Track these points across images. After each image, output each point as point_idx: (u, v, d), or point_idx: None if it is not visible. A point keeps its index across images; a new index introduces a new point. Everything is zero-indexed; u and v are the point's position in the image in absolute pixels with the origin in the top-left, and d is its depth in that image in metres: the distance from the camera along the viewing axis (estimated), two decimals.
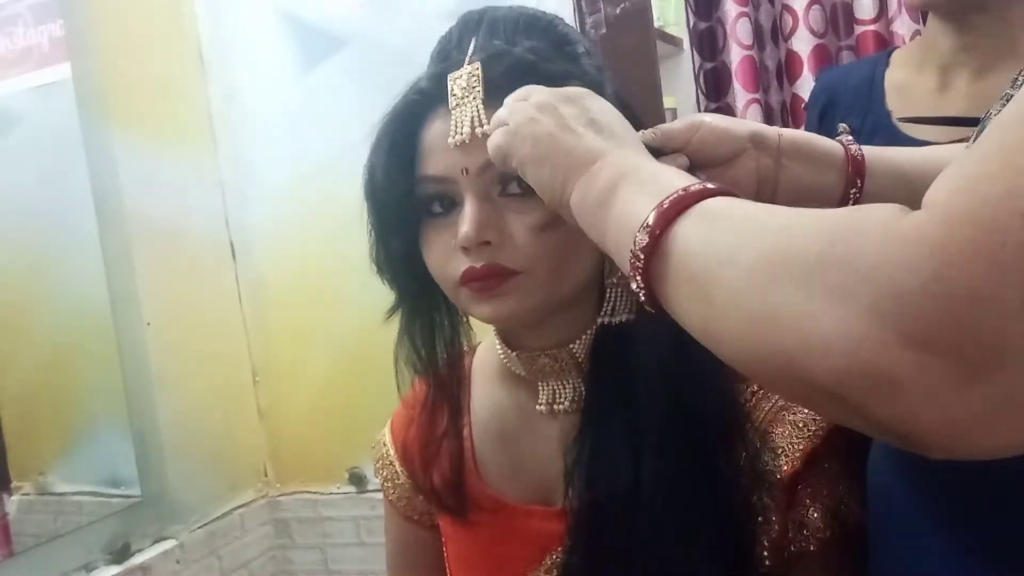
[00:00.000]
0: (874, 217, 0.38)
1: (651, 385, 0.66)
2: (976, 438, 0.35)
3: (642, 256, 0.47)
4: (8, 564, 1.48)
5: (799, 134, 0.69)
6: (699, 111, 1.88)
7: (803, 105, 1.70)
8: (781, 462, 0.65)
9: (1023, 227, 0.32)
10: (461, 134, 0.64)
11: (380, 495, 0.91)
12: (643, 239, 0.47)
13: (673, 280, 0.46)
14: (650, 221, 0.46)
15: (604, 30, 1.42)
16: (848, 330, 0.35)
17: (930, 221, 0.35)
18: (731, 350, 0.43)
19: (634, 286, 0.49)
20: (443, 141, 0.65)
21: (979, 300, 0.33)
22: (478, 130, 0.63)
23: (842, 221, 0.39)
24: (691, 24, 1.88)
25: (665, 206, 0.46)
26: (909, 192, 0.70)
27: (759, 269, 0.40)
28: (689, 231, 0.45)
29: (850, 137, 0.70)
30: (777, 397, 0.67)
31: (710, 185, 0.47)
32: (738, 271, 0.41)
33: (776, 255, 0.40)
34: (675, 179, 0.49)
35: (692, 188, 0.47)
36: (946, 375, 0.33)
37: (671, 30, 1.96)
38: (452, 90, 0.65)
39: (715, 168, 0.66)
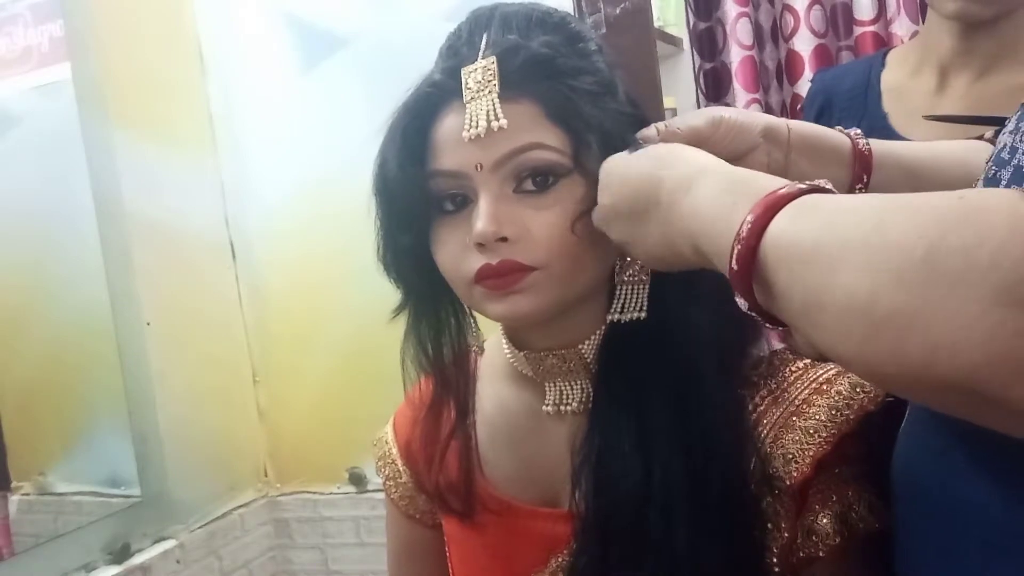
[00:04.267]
0: (994, 203, 0.36)
1: (660, 387, 0.66)
2: None
3: (741, 271, 0.45)
4: (8, 564, 1.48)
5: (808, 127, 0.68)
6: None
7: (799, 107, 1.70)
8: (791, 468, 0.64)
9: None
10: (476, 128, 0.63)
11: (380, 495, 0.91)
12: (739, 250, 0.44)
13: (777, 292, 0.44)
14: (746, 227, 0.44)
15: (604, 30, 1.42)
16: (977, 322, 0.34)
17: None
18: (850, 361, 0.40)
19: (740, 302, 0.47)
20: (457, 135, 0.64)
21: None
22: (494, 124, 0.62)
23: (951, 210, 0.37)
24: (691, 24, 1.88)
25: (752, 219, 0.44)
26: (915, 187, 0.69)
27: (865, 271, 0.38)
28: (785, 235, 0.43)
29: (858, 131, 0.69)
30: (787, 403, 0.67)
31: (801, 185, 0.45)
32: (843, 277, 0.39)
33: (881, 254, 0.38)
34: (761, 180, 0.48)
35: (783, 191, 0.45)
36: None
37: (671, 30, 1.96)
38: (467, 83, 0.64)
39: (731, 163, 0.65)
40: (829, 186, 0.46)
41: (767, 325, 0.47)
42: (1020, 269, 0.33)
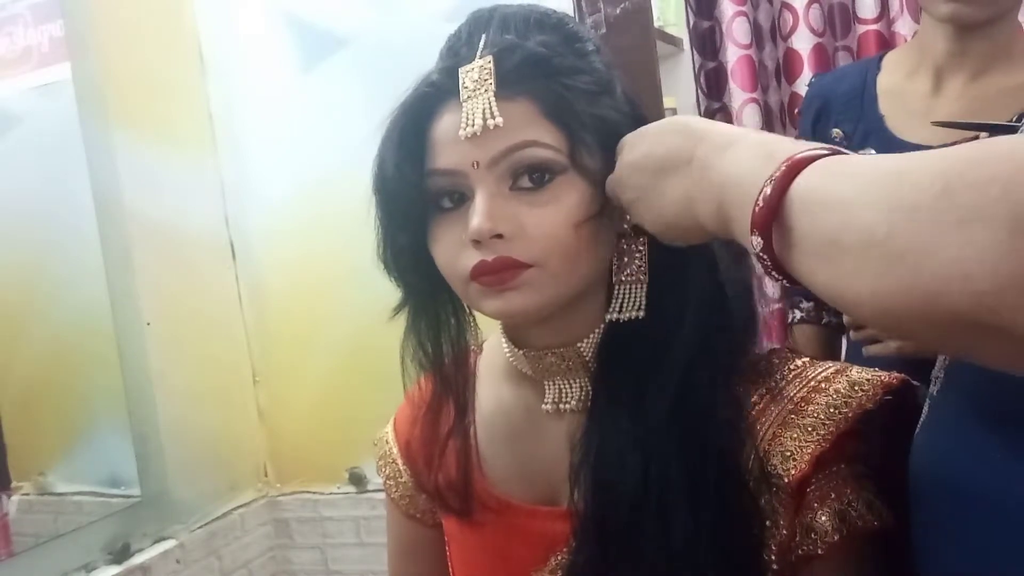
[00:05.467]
0: (1005, 144, 0.38)
1: (659, 385, 0.66)
2: None
3: (765, 212, 0.47)
4: (8, 564, 1.48)
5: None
6: (699, 111, 1.87)
7: (796, 109, 1.70)
8: (790, 466, 0.64)
9: None
10: (473, 126, 0.63)
11: (380, 495, 0.91)
12: (766, 194, 0.47)
13: (796, 237, 0.46)
14: (778, 173, 0.47)
15: (604, 30, 1.42)
16: (988, 250, 0.36)
17: None
18: (862, 301, 0.42)
19: (755, 244, 0.49)
20: (454, 134, 0.65)
21: None
22: (490, 122, 0.63)
23: (965, 152, 0.39)
24: (691, 24, 1.88)
25: (784, 168, 0.47)
26: None
27: (883, 209, 0.40)
28: (810, 184, 0.46)
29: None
30: (786, 401, 0.67)
31: (823, 150, 0.48)
32: (862, 215, 0.41)
33: (899, 193, 0.40)
34: (785, 144, 0.50)
35: (805, 153, 0.48)
36: None
37: (671, 30, 1.96)
38: (464, 83, 0.65)
39: None
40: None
41: (772, 273, 0.49)
42: None
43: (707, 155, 0.55)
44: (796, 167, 0.47)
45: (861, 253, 0.41)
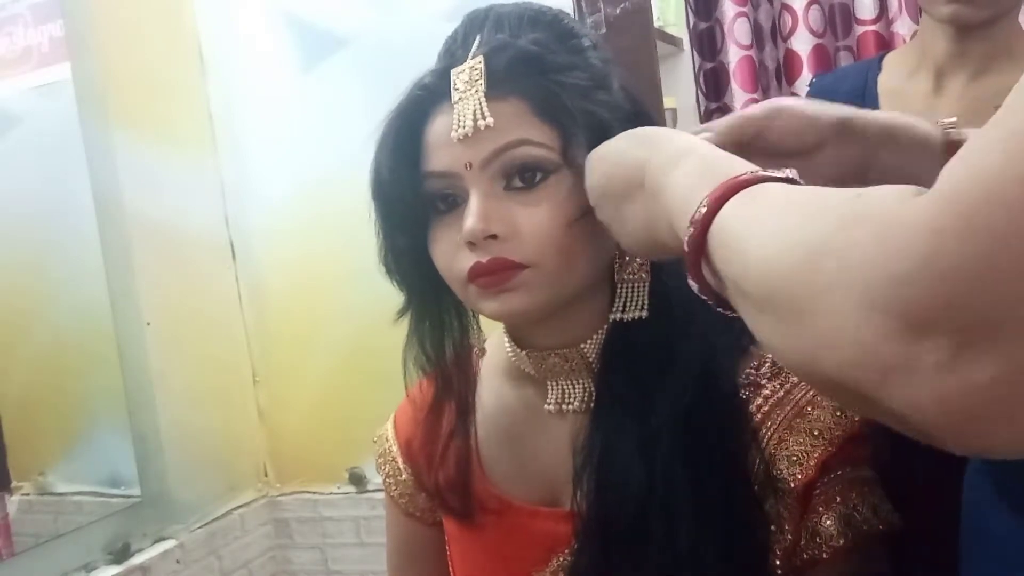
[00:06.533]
0: (875, 204, 0.36)
1: (662, 387, 0.66)
2: (991, 423, 0.32)
3: (693, 253, 0.46)
4: (8, 564, 1.48)
5: (895, 119, 0.64)
6: (699, 111, 1.87)
7: None
8: (795, 470, 0.64)
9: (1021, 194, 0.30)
10: (464, 127, 0.63)
11: (380, 495, 0.91)
12: (691, 234, 0.46)
13: (720, 274, 0.45)
14: (700, 211, 0.45)
15: (604, 30, 1.41)
16: (847, 322, 0.34)
17: (926, 203, 0.33)
18: (768, 344, 0.42)
19: (692, 284, 0.48)
20: (446, 136, 0.65)
21: (973, 274, 0.31)
22: (480, 123, 0.63)
23: (843, 211, 0.37)
24: (691, 24, 1.88)
25: (716, 194, 0.45)
26: None
27: (770, 263, 0.39)
28: (722, 223, 0.44)
29: (953, 119, 0.64)
30: (791, 405, 0.67)
31: (761, 172, 0.46)
32: (756, 267, 0.40)
33: (784, 248, 0.39)
34: (736, 164, 0.48)
35: (742, 177, 0.45)
36: (948, 354, 0.31)
37: (671, 30, 1.96)
38: (455, 84, 0.65)
39: (792, 160, 0.60)
40: (792, 174, 0.46)
41: (719, 308, 0.48)
42: (878, 273, 0.33)
43: (656, 178, 0.53)
44: (722, 198, 0.45)
45: (756, 304, 0.41)
